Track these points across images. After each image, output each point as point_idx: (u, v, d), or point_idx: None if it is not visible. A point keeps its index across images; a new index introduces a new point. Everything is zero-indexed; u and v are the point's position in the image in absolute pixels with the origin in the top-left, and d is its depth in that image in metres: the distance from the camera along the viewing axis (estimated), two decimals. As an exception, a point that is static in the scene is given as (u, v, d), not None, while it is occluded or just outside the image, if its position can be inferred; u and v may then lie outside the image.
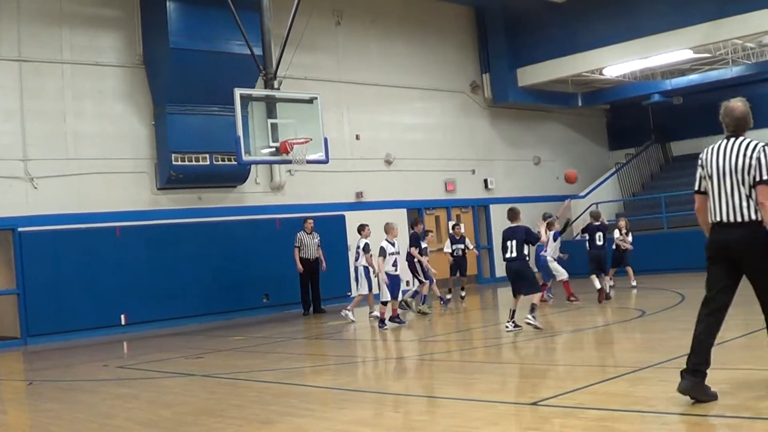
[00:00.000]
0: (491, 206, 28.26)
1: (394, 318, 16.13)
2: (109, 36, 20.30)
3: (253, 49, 18.51)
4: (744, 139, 7.08)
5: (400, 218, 25.21)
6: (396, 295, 16.47)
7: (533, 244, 14.06)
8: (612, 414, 7.11)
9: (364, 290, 17.37)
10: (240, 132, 17.29)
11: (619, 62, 26.89)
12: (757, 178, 6.88)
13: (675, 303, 16.32)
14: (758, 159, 6.89)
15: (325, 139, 18.47)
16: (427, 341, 14.38)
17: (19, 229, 18.44)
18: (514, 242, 13.61)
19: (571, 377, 9.57)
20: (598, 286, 17.71)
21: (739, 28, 23.45)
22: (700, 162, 7.26)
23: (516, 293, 13.70)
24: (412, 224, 19.57)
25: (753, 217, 6.92)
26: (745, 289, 7.04)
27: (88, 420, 8.75)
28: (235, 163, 18.97)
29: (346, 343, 15.59)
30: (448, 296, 20.09)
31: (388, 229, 16.90)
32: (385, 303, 16.00)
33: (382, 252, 16.49)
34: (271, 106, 18.12)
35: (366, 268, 17.21)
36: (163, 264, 20.18)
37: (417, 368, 11.51)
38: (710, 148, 7.19)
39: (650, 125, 33.34)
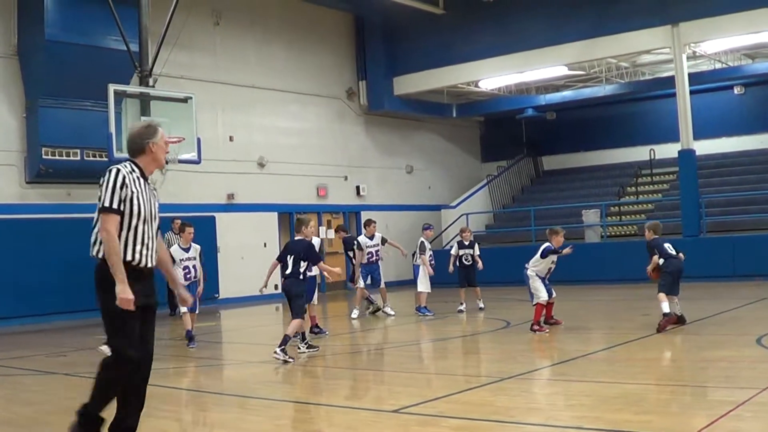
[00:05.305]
0: (362, 213, 28.53)
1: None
2: (-19, 24, 19.87)
3: (129, 45, 18.40)
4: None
5: (271, 221, 25.35)
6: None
7: (314, 264, 12.49)
8: (471, 423, 7.30)
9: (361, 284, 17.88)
10: (113, 128, 17.17)
11: (495, 75, 27.51)
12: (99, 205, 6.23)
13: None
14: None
15: (198, 139, 18.46)
16: (291, 346, 14.46)
17: None
18: (292, 257, 12.15)
19: (434, 386, 9.79)
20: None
21: (613, 47, 24.35)
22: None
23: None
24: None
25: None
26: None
27: (-59, 418, 8.59)
28: (107, 159, 18.74)
29: (211, 345, 15.55)
30: (461, 307, 17.90)
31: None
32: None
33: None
34: (145, 103, 18.03)
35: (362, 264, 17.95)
36: (29, 259, 19.78)
37: (281, 373, 11.61)
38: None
39: (523, 139, 34.16)
